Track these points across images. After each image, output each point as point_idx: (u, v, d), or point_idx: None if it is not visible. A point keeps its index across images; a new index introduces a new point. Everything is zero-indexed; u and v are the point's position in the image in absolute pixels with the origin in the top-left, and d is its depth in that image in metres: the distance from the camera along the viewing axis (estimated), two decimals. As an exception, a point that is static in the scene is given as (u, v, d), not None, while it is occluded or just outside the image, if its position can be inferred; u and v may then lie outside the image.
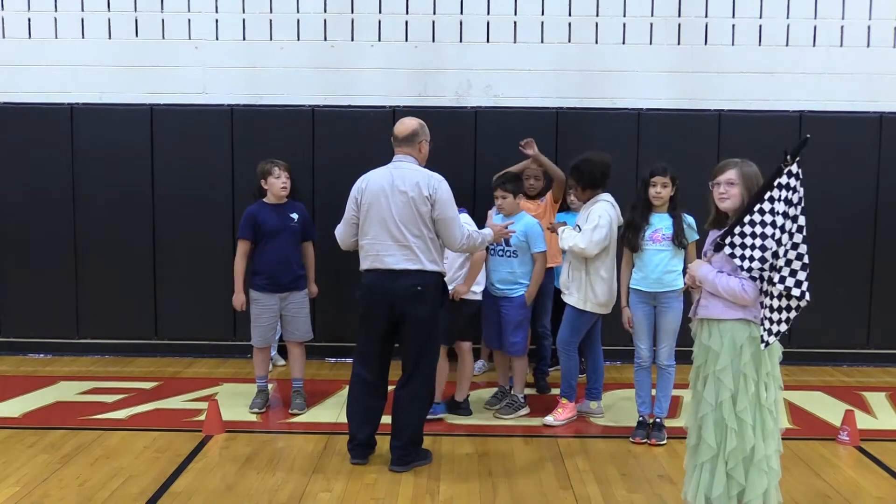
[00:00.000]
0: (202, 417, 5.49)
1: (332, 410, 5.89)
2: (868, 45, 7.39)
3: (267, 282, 5.75)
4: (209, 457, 4.96)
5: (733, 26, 7.37)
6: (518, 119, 7.17)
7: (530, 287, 5.70)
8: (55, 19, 7.40)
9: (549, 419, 5.56)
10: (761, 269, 3.46)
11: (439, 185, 4.70)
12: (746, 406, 3.58)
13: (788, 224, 3.39)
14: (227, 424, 5.45)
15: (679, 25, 7.37)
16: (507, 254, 5.70)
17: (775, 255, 3.42)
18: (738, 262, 3.50)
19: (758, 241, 3.46)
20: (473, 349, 6.88)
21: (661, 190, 5.20)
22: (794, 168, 3.43)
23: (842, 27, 7.38)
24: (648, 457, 5.05)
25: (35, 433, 5.32)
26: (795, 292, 3.38)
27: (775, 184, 3.44)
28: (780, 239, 3.41)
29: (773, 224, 3.42)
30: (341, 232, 4.93)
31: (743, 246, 3.50)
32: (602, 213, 5.42)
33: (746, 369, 3.58)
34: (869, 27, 7.38)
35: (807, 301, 3.43)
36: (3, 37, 7.42)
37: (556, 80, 7.37)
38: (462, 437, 5.35)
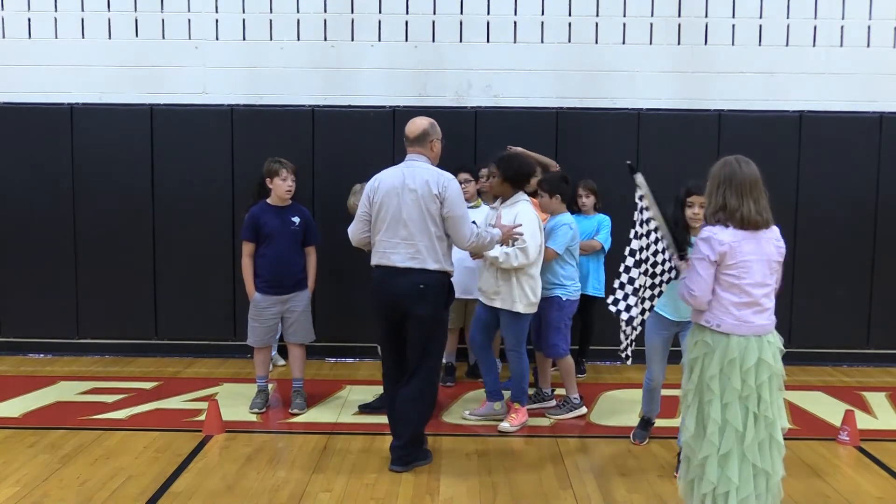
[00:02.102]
0: (202, 417, 5.49)
1: (332, 410, 5.89)
2: (868, 45, 7.39)
3: (267, 284, 5.74)
4: (209, 457, 4.96)
5: (733, 26, 7.37)
6: (518, 119, 7.17)
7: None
8: (55, 19, 7.40)
9: (504, 425, 5.44)
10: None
11: (449, 184, 4.73)
12: (692, 405, 3.71)
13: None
14: (227, 424, 5.45)
15: (679, 25, 7.37)
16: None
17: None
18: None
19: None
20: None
21: (699, 210, 4.55)
22: (637, 192, 3.89)
23: (842, 27, 7.39)
24: (648, 457, 5.05)
25: (35, 433, 5.32)
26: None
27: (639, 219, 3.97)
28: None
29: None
30: (352, 229, 4.97)
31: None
32: (530, 218, 5.35)
33: (695, 368, 3.70)
34: (869, 27, 7.38)
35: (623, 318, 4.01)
36: (3, 37, 7.42)
37: (556, 80, 7.37)
38: (462, 437, 5.35)
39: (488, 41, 7.39)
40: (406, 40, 7.39)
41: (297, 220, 5.81)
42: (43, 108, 7.28)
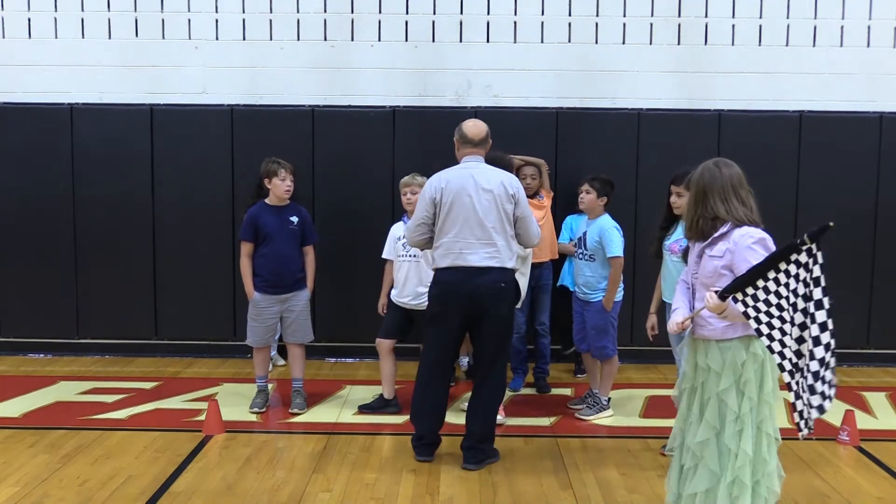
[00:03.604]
0: (202, 417, 5.49)
1: (332, 410, 5.89)
2: (868, 45, 7.39)
3: (266, 283, 5.74)
4: (209, 457, 4.96)
5: (733, 26, 7.37)
6: (518, 119, 7.17)
7: (607, 293, 5.60)
8: (55, 19, 7.40)
9: (498, 418, 5.36)
10: (781, 339, 3.28)
11: (519, 185, 4.87)
12: (744, 428, 3.42)
13: (801, 303, 3.27)
14: (227, 424, 5.45)
15: (679, 25, 7.37)
16: (585, 257, 5.68)
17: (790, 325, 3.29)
18: (753, 323, 3.29)
19: (774, 311, 3.28)
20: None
21: (675, 199, 4.97)
22: (815, 249, 3.33)
23: (842, 27, 7.38)
24: (648, 457, 5.05)
25: (35, 433, 5.32)
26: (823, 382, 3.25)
27: (792, 259, 3.30)
28: (792, 317, 3.28)
29: (785, 297, 3.29)
30: (412, 230, 4.93)
31: (757, 309, 3.28)
32: None
33: (747, 389, 3.42)
34: (869, 27, 7.38)
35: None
36: (3, 37, 7.42)
37: (556, 80, 7.37)
38: (462, 437, 5.34)
39: (488, 41, 7.39)
40: (406, 40, 7.39)
41: (295, 219, 5.81)
42: (43, 108, 7.28)
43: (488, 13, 7.38)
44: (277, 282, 5.74)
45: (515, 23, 7.38)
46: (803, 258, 3.30)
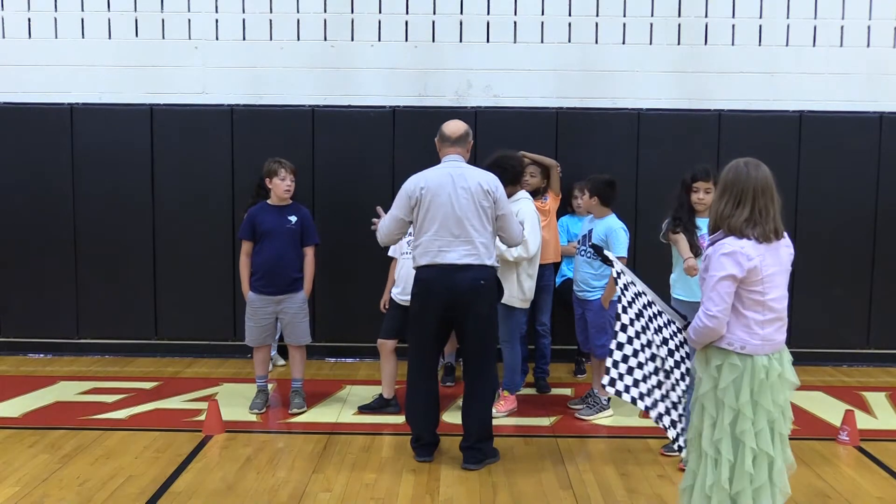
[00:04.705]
0: (202, 417, 5.49)
1: (332, 410, 5.89)
2: (868, 45, 7.39)
3: (262, 283, 5.72)
4: (209, 457, 4.97)
5: (733, 26, 7.37)
6: (518, 119, 7.17)
7: (606, 291, 5.57)
8: (55, 19, 7.39)
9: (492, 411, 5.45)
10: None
11: (498, 184, 4.87)
12: (723, 437, 3.36)
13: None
14: (227, 424, 5.45)
15: (679, 25, 7.37)
16: (588, 255, 5.67)
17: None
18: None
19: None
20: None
21: (703, 195, 4.88)
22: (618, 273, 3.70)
23: (842, 27, 7.38)
24: (648, 457, 5.05)
25: (35, 433, 5.32)
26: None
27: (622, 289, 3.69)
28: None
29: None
30: (388, 227, 4.94)
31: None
32: (531, 215, 5.60)
33: (725, 396, 3.36)
34: (869, 27, 7.38)
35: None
36: (3, 37, 7.41)
37: (556, 80, 7.37)
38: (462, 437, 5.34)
39: (488, 41, 7.39)
40: (406, 40, 7.39)
41: (293, 218, 5.79)
42: (43, 108, 7.28)
43: (488, 13, 7.38)
44: (271, 281, 5.71)
45: (515, 23, 7.38)
46: (620, 283, 3.71)
